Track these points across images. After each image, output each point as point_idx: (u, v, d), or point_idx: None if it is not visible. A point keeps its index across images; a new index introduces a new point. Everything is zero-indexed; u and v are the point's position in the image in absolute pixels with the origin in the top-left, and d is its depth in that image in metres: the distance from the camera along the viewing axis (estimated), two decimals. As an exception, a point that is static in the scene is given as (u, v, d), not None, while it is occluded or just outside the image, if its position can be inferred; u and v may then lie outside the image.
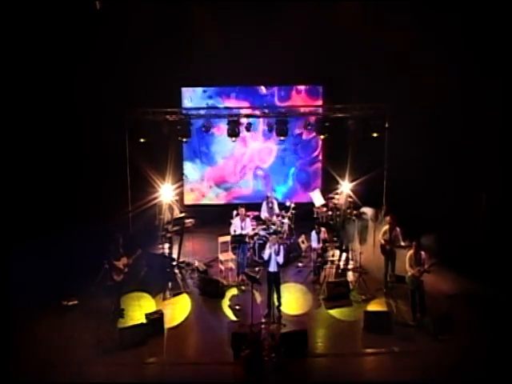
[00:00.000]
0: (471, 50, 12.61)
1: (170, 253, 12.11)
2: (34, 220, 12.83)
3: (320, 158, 16.09)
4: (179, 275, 11.82)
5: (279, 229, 12.53)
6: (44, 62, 12.80)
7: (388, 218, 11.05)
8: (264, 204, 13.12)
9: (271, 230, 12.40)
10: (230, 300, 10.71)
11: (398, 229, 10.78)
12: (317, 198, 13.57)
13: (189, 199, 16.04)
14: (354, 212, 12.40)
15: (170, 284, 11.18)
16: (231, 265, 11.76)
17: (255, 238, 12.36)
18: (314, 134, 15.35)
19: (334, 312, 10.19)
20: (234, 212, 12.40)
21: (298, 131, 15.60)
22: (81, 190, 13.78)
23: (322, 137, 14.38)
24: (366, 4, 13.56)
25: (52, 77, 13.05)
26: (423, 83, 12.93)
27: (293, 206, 13.33)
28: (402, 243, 10.64)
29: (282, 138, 13.82)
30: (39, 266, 11.40)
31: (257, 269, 11.63)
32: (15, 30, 11.73)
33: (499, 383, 8.06)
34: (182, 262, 12.34)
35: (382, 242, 10.89)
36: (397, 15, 13.09)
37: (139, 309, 10.08)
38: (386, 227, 10.91)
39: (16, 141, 12.27)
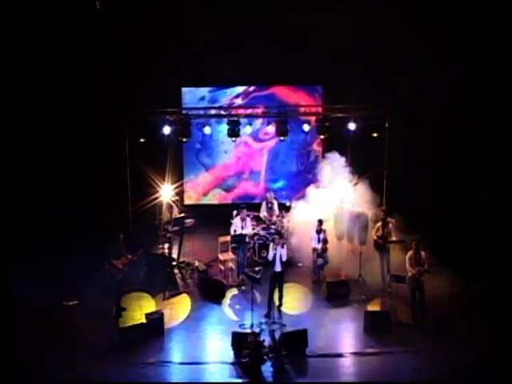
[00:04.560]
0: (471, 49, 12.63)
1: (170, 253, 12.11)
2: (33, 220, 12.86)
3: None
4: (179, 275, 11.82)
5: (279, 229, 12.51)
6: (44, 62, 12.82)
7: (381, 214, 11.11)
8: (263, 204, 13.13)
9: (271, 230, 12.41)
10: (230, 300, 10.71)
11: (390, 225, 10.88)
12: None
13: (189, 199, 16.04)
14: (354, 212, 12.41)
15: (169, 284, 11.17)
16: (231, 265, 11.76)
17: (255, 238, 12.35)
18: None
19: (333, 312, 10.20)
20: (234, 212, 12.41)
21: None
22: (81, 190, 13.80)
23: (322, 137, 14.37)
24: (366, 4, 13.57)
25: (52, 77, 13.07)
26: (423, 83, 12.95)
27: (293, 205, 13.31)
28: (394, 238, 10.72)
29: (281, 138, 13.80)
30: (39, 266, 11.44)
31: (257, 269, 11.60)
32: (14, 29, 11.73)
33: (499, 383, 8.07)
34: (182, 262, 12.33)
35: (375, 238, 10.94)
36: (397, 15, 13.10)
37: (139, 309, 10.07)
38: (379, 224, 10.98)
39: (15, 141, 12.27)
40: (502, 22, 11.88)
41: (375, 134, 13.32)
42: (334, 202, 12.91)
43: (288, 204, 13.41)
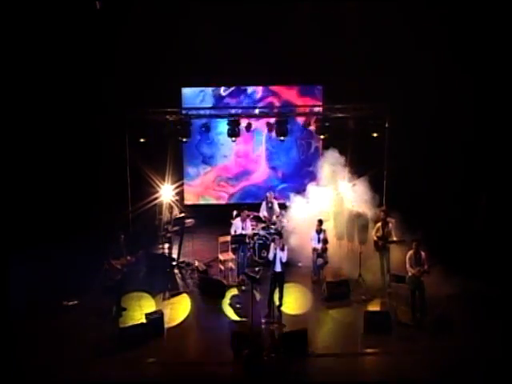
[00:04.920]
0: (472, 50, 12.64)
1: (170, 253, 12.12)
2: (33, 220, 12.86)
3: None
4: (179, 275, 11.83)
5: (279, 229, 12.51)
6: (44, 62, 12.82)
7: (381, 214, 11.12)
8: (263, 204, 13.13)
9: (271, 230, 12.41)
10: (230, 300, 10.71)
11: (390, 225, 10.88)
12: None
13: (189, 199, 16.04)
14: (354, 212, 12.40)
15: (169, 284, 11.17)
16: (231, 265, 11.76)
17: (255, 238, 12.35)
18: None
19: (333, 312, 10.20)
20: (235, 212, 12.40)
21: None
22: (80, 191, 13.80)
23: (322, 137, 14.38)
24: (366, 4, 13.58)
25: (52, 77, 13.07)
26: (423, 83, 12.96)
27: (292, 202, 13.30)
28: (394, 238, 10.73)
29: (281, 138, 13.80)
30: (39, 267, 11.44)
31: (257, 269, 11.60)
32: (15, 29, 11.74)
33: (499, 383, 8.07)
34: (182, 262, 12.34)
35: (375, 238, 10.95)
36: (397, 15, 13.10)
37: (139, 309, 10.07)
38: (379, 224, 10.98)
39: (15, 141, 12.27)
40: (504, 23, 11.91)
41: (375, 134, 13.33)
42: (333, 201, 12.92)
43: (288, 204, 13.40)
